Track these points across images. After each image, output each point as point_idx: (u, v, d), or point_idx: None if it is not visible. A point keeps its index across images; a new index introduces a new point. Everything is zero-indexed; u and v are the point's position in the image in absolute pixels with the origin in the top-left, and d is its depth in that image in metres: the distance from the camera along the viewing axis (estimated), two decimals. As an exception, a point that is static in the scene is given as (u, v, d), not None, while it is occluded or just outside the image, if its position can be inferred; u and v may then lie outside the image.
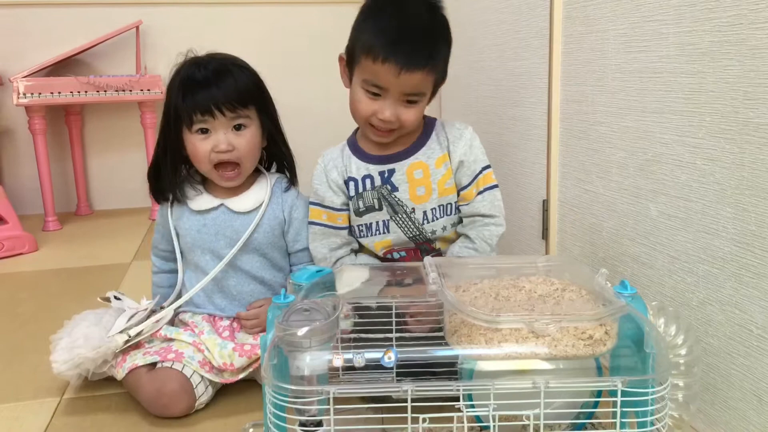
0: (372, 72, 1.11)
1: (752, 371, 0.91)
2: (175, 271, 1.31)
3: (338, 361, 0.70)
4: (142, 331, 1.18)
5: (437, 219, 1.21)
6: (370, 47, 1.10)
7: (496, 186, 1.23)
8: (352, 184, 1.23)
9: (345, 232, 1.26)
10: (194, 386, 1.12)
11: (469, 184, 1.21)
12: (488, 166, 1.23)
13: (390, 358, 0.69)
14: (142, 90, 2.58)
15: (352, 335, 0.83)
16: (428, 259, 0.89)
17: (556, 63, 1.35)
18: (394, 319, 0.80)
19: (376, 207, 1.22)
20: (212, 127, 1.20)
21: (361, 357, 0.70)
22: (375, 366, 0.75)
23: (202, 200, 1.27)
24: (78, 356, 1.13)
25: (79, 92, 2.49)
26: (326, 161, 1.26)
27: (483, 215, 1.21)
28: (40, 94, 2.43)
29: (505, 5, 1.63)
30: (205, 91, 1.18)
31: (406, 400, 0.71)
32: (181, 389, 1.11)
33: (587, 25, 1.26)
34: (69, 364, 1.14)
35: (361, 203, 1.23)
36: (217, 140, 1.20)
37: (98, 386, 1.22)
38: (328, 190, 1.24)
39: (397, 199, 1.21)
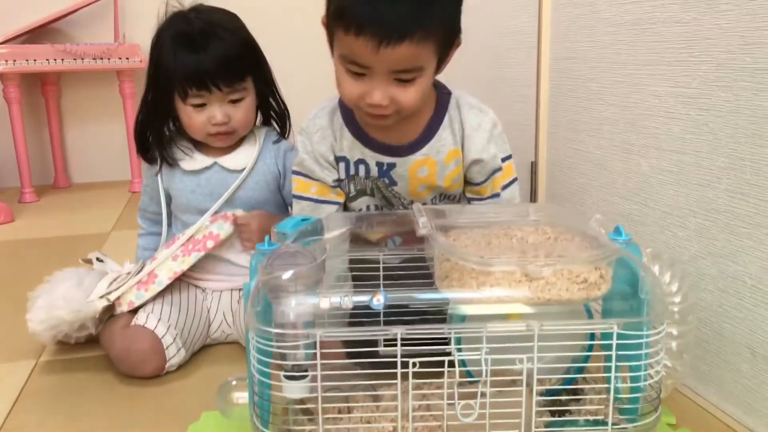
0: (347, 46, 0.88)
1: (745, 323, 0.90)
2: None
3: (325, 304, 0.67)
4: (122, 295, 1.14)
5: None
6: (341, 12, 0.88)
7: (516, 180, 1.08)
8: (342, 164, 1.06)
9: (337, 208, 1.08)
10: (165, 347, 1.09)
11: (485, 182, 1.06)
12: (509, 157, 1.07)
13: (379, 300, 0.67)
14: (120, 58, 2.52)
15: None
16: (417, 205, 0.86)
17: (545, 20, 1.32)
18: (381, 265, 0.78)
19: (368, 193, 1.08)
20: (208, 101, 1.16)
21: (349, 299, 0.67)
22: (363, 313, 0.73)
23: (194, 160, 1.23)
24: (55, 318, 1.09)
25: (55, 60, 2.43)
26: (313, 129, 1.06)
27: None
28: (15, 61, 2.36)
29: (494, -35, 1.60)
30: (199, 63, 1.13)
31: (393, 357, 0.69)
32: (151, 349, 1.08)
33: (578, -20, 1.23)
34: (45, 325, 1.10)
35: (352, 186, 1.07)
36: (213, 113, 1.16)
37: (76, 349, 1.18)
38: (315, 165, 1.06)
39: (394, 192, 1.06)
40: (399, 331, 0.67)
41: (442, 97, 1.04)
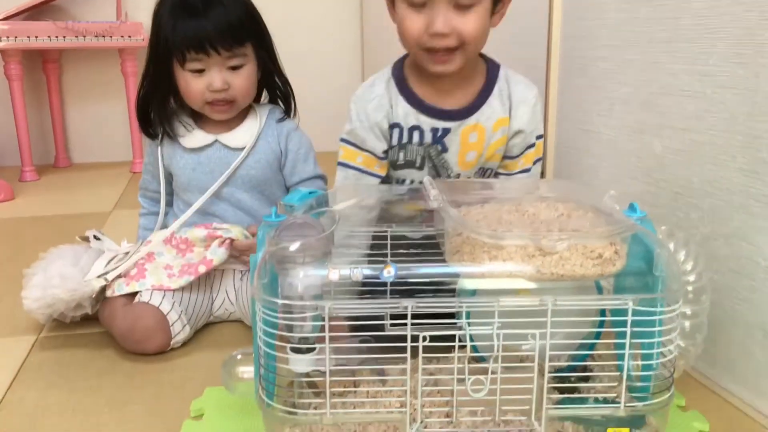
0: None
1: (758, 305, 0.88)
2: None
3: (335, 275, 0.65)
4: (120, 275, 1.12)
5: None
6: None
7: (541, 159, 1.11)
8: (396, 131, 1.05)
9: (379, 182, 1.09)
10: (170, 324, 1.08)
11: (519, 155, 1.08)
12: (541, 136, 1.09)
13: (389, 272, 0.65)
14: (122, 36, 2.49)
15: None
16: (428, 179, 0.84)
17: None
18: (389, 242, 0.76)
19: (417, 165, 1.07)
20: (207, 66, 1.13)
21: (358, 271, 0.66)
22: (374, 288, 0.71)
23: (194, 137, 1.21)
24: (51, 296, 1.07)
25: (57, 37, 2.40)
26: (369, 97, 1.05)
27: None
28: (16, 38, 2.34)
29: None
30: (198, 27, 1.11)
31: (402, 333, 0.67)
32: (156, 325, 1.06)
33: (591, -44, 1.21)
34: (40, 303, 1.08)
35: (402, 155, 1.06)
36: (211, 78, 1.14)
37: (76, 325, 1.17)
38: (370, 134, 1.04)
39: (443, 162, 1.06)
40: (409, 304, 0.65)
41: (492, 68, 1.07)
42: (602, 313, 0.81)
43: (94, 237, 1.23)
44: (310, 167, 1.25)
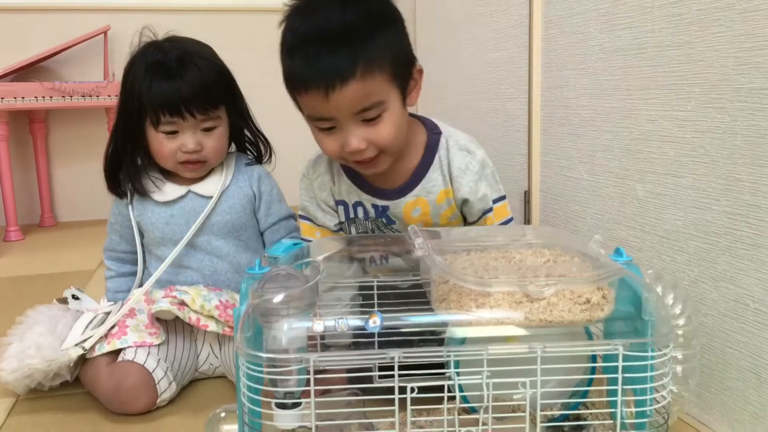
0: (306, 106, 0.93)
1: (750, 348, 0.87)
2: (133, 274, 1.24)
3: (319, 327, 0.64)
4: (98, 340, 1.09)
5: None
6: (288, 79, 0.93)
7: (511, 219, 1.08)
8: (341, 207, 1.09)
9: None
10: (156, 381, 1.05)
11: (479, 220, 1.06)
12: (502, 198, 1.07)
13: (375, 323, 0.64)
14: (109, 96, 2.51)
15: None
16: (412, 227, 0.84)
17: (536, 50, 1.33)
18: (375, 292, 0.75)
19: (371, 232, 1.09)
20: (180, 128, 1.14)
21: (344, 322, 0.64)
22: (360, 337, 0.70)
23: (166, 191, 1.20)
24: (28, 367, 1.04)
25: (44, 97, 2.41)
26: (313, 176, 1.09)
27: None
28: (3, 99, 2.35)
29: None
30: (173, 89, 1.11)
31: (390, 384, 0.66)
32: (142, 384, 1.04)
33: (568, 9, 1.24)
34: (18, 374, 1.04)
35: (353, 229, 1.10)
36: (185, 140, 1.14)
37: (56, 386, 1.13)
38: (319, 211, 1.10)
39: (394, 230, 1.07)
40: (396, 354, 0.64)
41: (432, 137, 1.05)
42: (593, 359, 0.80)
43: (73, 296, 1.20)
44: (284, 208, 1.26)
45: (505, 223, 1.07)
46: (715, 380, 0.93)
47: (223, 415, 0.78)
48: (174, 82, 1.11)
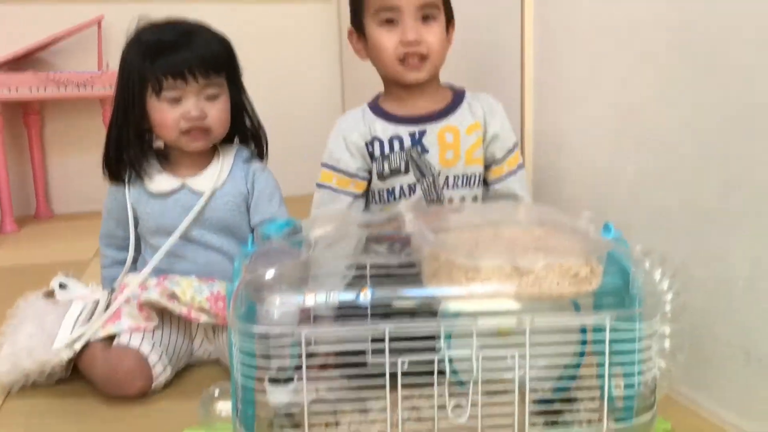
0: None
1: (738, 325, 0.88)
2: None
3: (311, 301, 0.65)
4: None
5: (458, 188, 1.17)
6: None
7: (523, 166, 1.22)
8: (377, 144, 1.17)
9: (352, 199, 1.19)
10: (152, 365, 1.05)
11: (503, 159, 1.19)
12: (517, 143, 1.22)
13: (366, 296, 0.65)
14: (104, 86, 2.51)
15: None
16: (404, 204, 0.84)
17: (527, 27, 1.32)
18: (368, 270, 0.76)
19: (402, 170, 1.17)
20: (183, 94, 1.14)
21: (334, 296, 0.65)
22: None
23: (161, 181, 1.20)
24: (22, 369, 1.05)
25: (38, 88, 2.41)
26: (344, 126, 1.19)
27: (517, 195, 1.19)
28: (-4, 90, 2.35)
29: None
30: (175, 54, 1.12)
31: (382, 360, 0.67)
32: (137, 368, 1.04)
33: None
34: (12, 376, 1.06)
35: (386, 165, 1.17)
36: (188, 106, 1.14)
37: (53, 370, 1.14)
38: (345, 152, 1.17)
39: (426, 162, 1.16)
40: (387, 327, 0.65)
41: (458, 90, 1.22)
42: (584, 337, 0.81)
43: (60, 285, 1.21)
44: (274, 208, 1.24)
45: (522, 167, 1.21)
46: (705, 358, 0.94)
47: (216, 393, 0.79)
48: (176, 47, 1.13)
